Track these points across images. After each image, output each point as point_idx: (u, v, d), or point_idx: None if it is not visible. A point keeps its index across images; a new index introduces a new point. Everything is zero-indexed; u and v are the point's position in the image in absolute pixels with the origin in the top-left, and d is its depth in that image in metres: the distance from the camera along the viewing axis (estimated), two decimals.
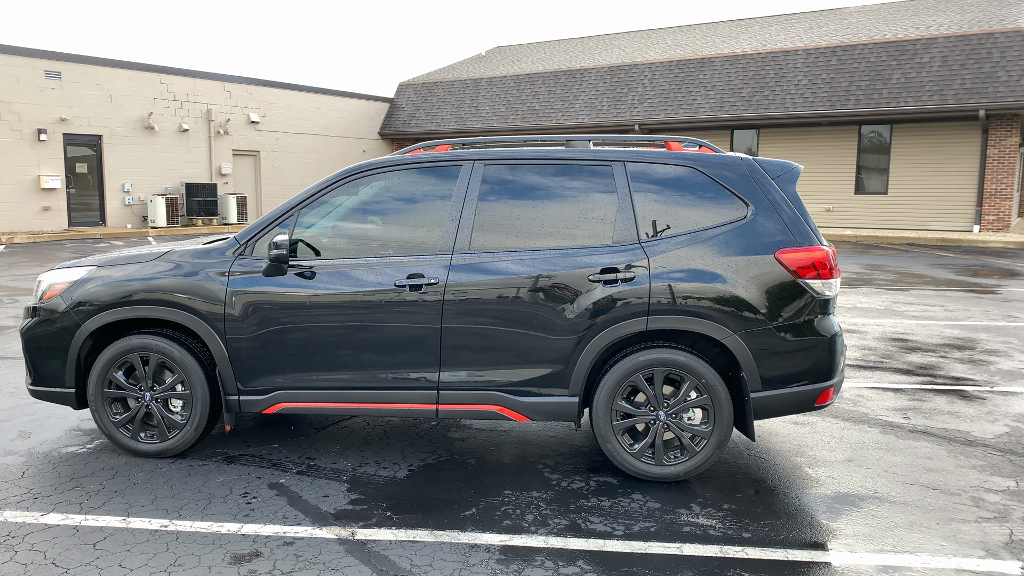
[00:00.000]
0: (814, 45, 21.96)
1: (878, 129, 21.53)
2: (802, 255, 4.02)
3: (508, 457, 4.52)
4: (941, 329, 8.36)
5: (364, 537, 3.47)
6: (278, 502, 3.84)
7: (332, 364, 4.23)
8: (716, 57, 23.34)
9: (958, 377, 6.34)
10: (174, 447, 4.40)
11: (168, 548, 3.36)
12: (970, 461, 4.46)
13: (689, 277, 4.01)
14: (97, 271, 4.45)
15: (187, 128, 23.69)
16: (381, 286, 4.16)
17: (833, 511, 3.78)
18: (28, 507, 3.78)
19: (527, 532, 3.53)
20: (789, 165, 4.26)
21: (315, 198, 4.38)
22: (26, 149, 20.18)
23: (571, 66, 26.19)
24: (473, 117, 27.14)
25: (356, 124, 28.98)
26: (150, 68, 22.94)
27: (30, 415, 5.26)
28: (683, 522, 3.65)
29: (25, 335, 4.49)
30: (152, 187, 23.03)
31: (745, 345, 3.98)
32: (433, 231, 4.25)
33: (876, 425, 5.11)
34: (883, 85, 20.46)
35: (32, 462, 4.39)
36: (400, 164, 4.37)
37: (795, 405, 4.10)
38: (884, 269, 13.94)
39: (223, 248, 4.38)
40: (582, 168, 4.26)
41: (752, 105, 22.14)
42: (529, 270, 4.09)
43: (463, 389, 4.16)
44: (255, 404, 4.33)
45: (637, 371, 4.04)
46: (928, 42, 20.29)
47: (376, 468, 4.32)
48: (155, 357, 4.35)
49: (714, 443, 4.04)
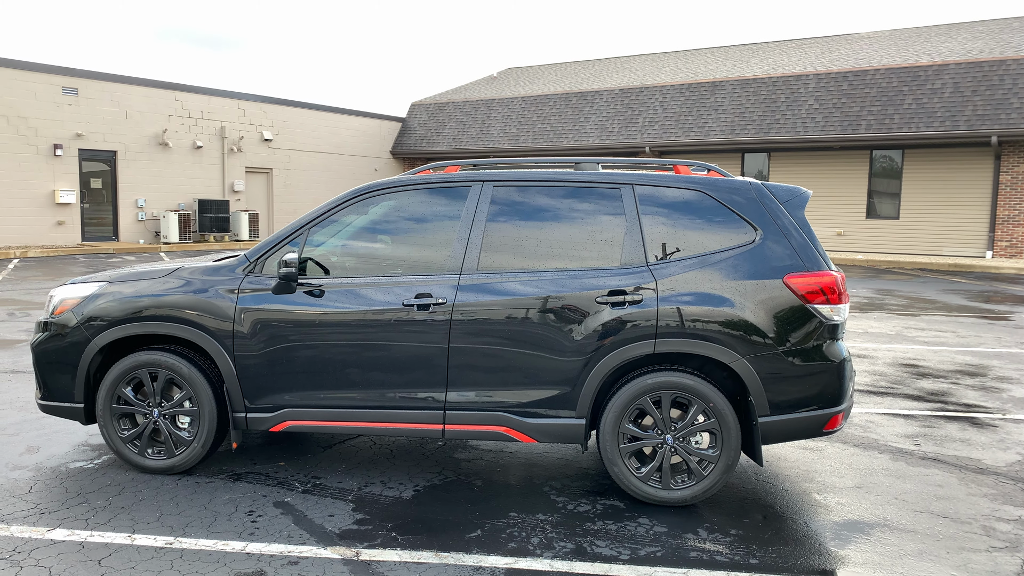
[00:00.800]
0: (826, 70, 22.03)
1: (890, 154, 21.52)
2: (811, 280, 4.02)
3: (514, 479, 4.50)
4: (953, 355, 8.30)
5: (368, 558, 3.46)
6: (283, 520, 3.84)
7: (339, 382, 4.24)
8: (727, 81, 23.44)
9: (970, 404, 6.28)
10: (181, 464, 4.40)
11: (173, 566, 3.36)
12: (981, 489, 4.40)
13: (697, 300, 4.01)
14: (108, 287, 4.49)
15: (201, 145, 23.94)
16: (389, 305, 4.17)
17: (842, 538, 3.74)
18: (35, 522, 3.79)
19: (532, 555, 3.51)
20: (798, 190, 4.26)
21: (325, 217, 4.41)
22: (42, 164, 20.42)
23: (582, 88, 26.36)
24: (484, 138, 27.30)
25: (368, 143, 29.21)
26: (165, 85, 23.23)
27: (39, 429, 5.28)
28: (690, 547, 3.61)
29: (36, 349, 4.52)
30: (165, 203, 23.24)
31: (753, 369, 3.97)
32: (442, 251, 4.27)
33: (886, 451, 5.06)
34: (895, 110, 20.48)
35: (40, 477, 4.40)
36: (410, 184, 4.40)
37: (803, 430, 4.07)
38: (895, 294, 13.86)
39: (233, 266, 4.41)
40: (591, 190, 4.28)
41: (763, 129, 22.19)
42: (537, 291, 4.10)
43: (470, 409, 4.15)
44: (262, 422, 4.33)
45: (644, 394, 4.03)
46: (940, 68, 20.32)
47: (382, 488, 4.31)
48: (164, 373, 4.37)
49: (722, 467, 4.01)
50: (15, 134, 19.87)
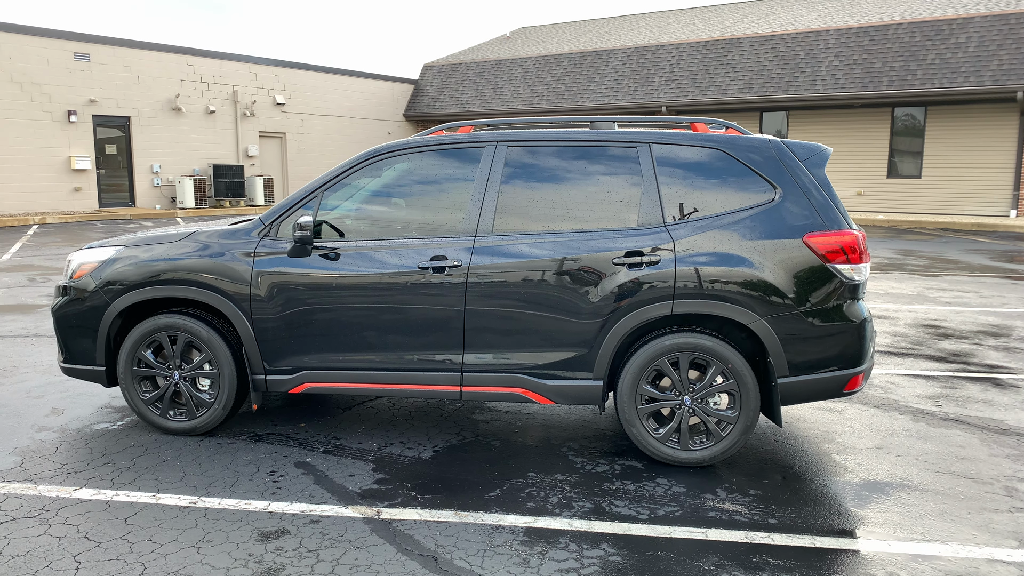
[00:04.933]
0: (846, 25, 21.50)
1: (912, 111, 21.08)
2: (831, 239, 3.95)
3: (532, 440, 4.52)
4: (975, 316, 8.20)
5: (389, 516, 3.49)
6: (304, 481, 3.88)
7: (357, 345, 4.25)
8: (745, 37, 22.95)
9: (992, 365, 6.22)
10: (202, 425, 4.45)
11: (197, 524, 3.41)
12: (1003, 450, 4.37)
13: (715, 261, 3.96)
14: (125, 251, 4.50)
15: (214, 110, 23.86)
16: (405, 268, 4.15)
17: (862, 499, 3.73)
18: (61, 482, 3.85)
19: (551, 515, 3.53)
20: (818, 147, 4.17)
21: (338, 180, 4.38)
22: (56, 131, 20.46)
23: (597, 47, 25.92)
24: (498, 99, 27.00)
25: (381, 106, 28.99)
26: (177, 50, 23.09)
27: (62, 392, 5.36)
28: (708, 507, 3.62)
29: (56, 314, 4.56)
30: (180, 168, 23.26)
31: (772, 330, 3.93)
32: (456, 213, 4.23)
33: (907, 412, 5.03)
34: (917, 66, 20.00)
35: (65, 438, 4.47)
36: (423, 146, 4.35)
37: (823, 391, 4.04)
38: (917, 254, 13.69)
39: (249, 229, 4.41)
40: (607, 150, 4.21)
41: (782, 87, 21.77)
42: (553, 253, 4.06)
43: (487, 371, 4.16)
44: (281, 384, 4.36)
45: (662, 355, 4.01)
46: (964, 21, 19.76)
47: (401, 448, 4.35)
48: (183, 336, 4.40)
49: (740, 428, 4.00)
50: (29, 101, 19.88)
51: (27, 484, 3.83)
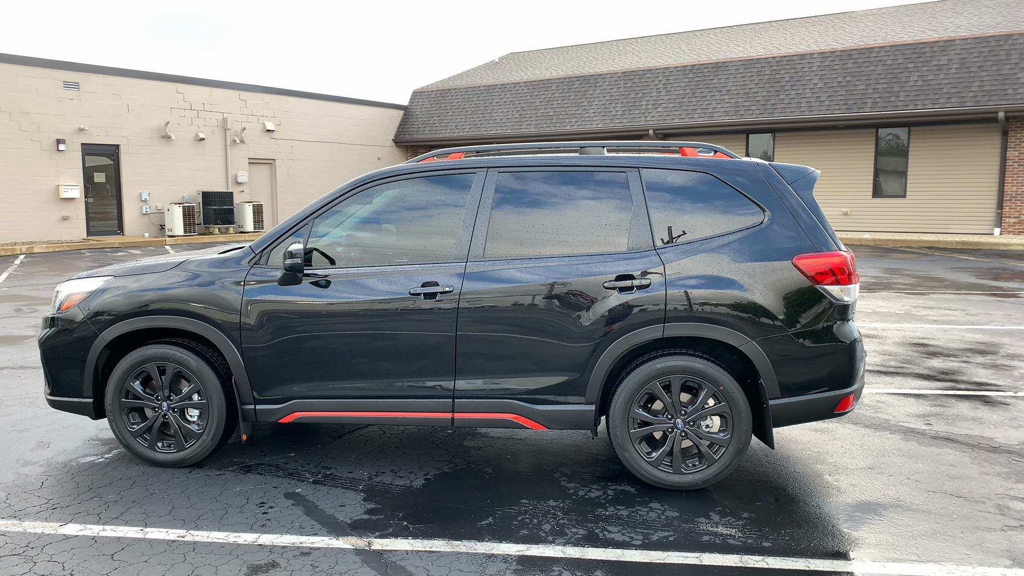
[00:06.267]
0: (829, 48, 21.82)
1: (896, 132, 21.34)
2: (820, 260, 3.98)
3: (524, 466, 4.50)
4: (963, 333, 8.25)
5: (381, 547, 3.46)
6: (295, 512, 3.84)
7: (348, 373, 4.22)
8: (731, 61, 23.24)
9: (981, 382, 6.25)
10: (191, 456, 4.40)
11: (185, 559, 3.36)
12: (994, 468, 4.38)
13: (706, 283, 3.97)
14: (114, 281, 4.48)
15: (203, 137, 23.89)
16: (396, 294, 4.15)
17: (855, 520, 3.72)
18: (47, 517, 3.80)
19: (544, 542, 3.50)
20: (805, 170, 4.22)
21: (329, 207, 4.38)
22: (45, 159, 20.42)
23: (585, 72, 26.18)
24: (487, 124, 27.18)
25: (371, 132, 29.11)
26: (166, 78, 23.17)
27: (49, 425, 5.30)
28: (702, 531, 3.60)
29: (43, 345, 4.52)
30: (169, 196, 23.23)
31: (763, 352, 3.94)
32: (447, 239, 4.24)
33: (897, 432, 5.04)
34: (900, 88, 20.29)
35: (51, 472, 4.41)
36: (413, 172, 4.37)
37: (815, 412, 4.05)
38: (903, 273, 13.79)
39: (238, 257, 4.40)
40: (596, 175, 4.24)
41: (767, 109, 22.02)
42: (544, 277, 4.07)
43: (479, 397, 4.14)
44: (271, 413, 4.33)
45: (654, 378, 4.01)
46: (946, 44, 20.10)
47: (392, 477, 4.31)
48: (172, 367, 4.37)
49: (733, 451, 3.99)
50: (18, 130, 19.86)
51: (11, 520, 3.77)
